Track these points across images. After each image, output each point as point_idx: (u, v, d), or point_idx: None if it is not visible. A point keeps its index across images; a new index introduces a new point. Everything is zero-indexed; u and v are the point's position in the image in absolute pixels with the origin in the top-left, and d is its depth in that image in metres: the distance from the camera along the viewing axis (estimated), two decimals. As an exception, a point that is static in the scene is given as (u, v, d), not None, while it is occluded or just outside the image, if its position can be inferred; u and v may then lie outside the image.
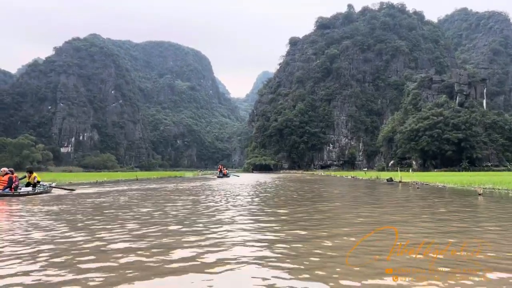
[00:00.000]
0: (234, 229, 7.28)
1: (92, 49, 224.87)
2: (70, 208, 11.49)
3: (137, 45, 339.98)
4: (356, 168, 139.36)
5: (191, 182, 34.14)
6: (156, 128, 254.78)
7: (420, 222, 8.48)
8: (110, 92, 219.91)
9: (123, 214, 9.90)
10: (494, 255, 5.12)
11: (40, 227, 7.61)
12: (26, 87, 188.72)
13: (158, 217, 9.10)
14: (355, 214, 10.14)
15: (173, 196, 16.89)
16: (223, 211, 10.64)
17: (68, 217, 9.29)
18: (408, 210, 11.10)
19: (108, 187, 23.70)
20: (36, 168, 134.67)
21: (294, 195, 17.69)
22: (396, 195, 18.15)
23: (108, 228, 7.43)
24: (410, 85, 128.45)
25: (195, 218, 8.90)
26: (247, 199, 14.71)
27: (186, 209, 11.13)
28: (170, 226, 7.66)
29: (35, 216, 9.49)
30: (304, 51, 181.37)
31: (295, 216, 9.70)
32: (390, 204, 13.24)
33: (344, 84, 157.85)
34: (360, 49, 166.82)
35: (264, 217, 9.27)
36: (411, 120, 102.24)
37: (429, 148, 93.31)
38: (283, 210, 11.14)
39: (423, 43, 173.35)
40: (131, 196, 16.50)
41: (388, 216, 9.70)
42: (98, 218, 8.94)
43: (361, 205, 12.67)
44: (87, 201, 14.04)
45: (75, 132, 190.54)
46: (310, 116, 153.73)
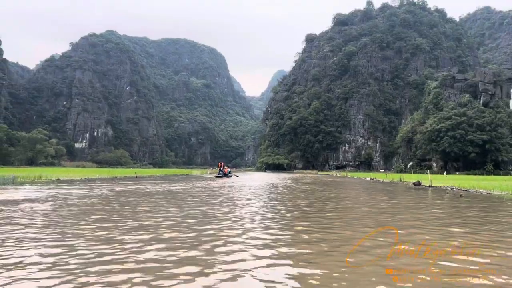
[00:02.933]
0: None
1: (108, 45, 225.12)
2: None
3: (153, 42, 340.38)
4: (373, 169, 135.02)
5: (189, 182, 31.01)
6: (170, 125, 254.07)
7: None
8: (125, 88, 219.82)
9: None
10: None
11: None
12: (42, 82, 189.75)
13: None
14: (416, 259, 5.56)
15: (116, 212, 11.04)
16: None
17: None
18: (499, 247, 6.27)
19: (77, 187, 20.76)
20: (49, 163, 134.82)
21: (310, 211, 11.69)
22: (445, 207, 13.43)
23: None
24: (431, 83, 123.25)
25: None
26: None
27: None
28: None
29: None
30: (320, 48, 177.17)
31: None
32: (461, 234, 7.69)
33: (361, 82, 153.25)
34: (379, 47, 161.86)
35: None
36: (432, 120, 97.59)
37: (451, 150, 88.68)
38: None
39: (445, 41, 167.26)
40: (74, 206, 11.62)
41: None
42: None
43: (414, 231, 7.78)
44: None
45: (89, 127, 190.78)
46: (326, 114, 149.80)
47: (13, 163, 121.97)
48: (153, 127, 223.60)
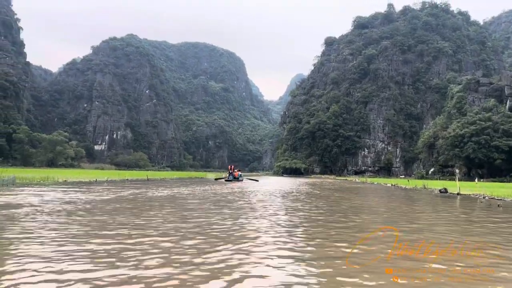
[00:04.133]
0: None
1: (128, 48, 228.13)
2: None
3: (173, 46, 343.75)
4: (393, 175, 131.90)
5: (199, 186, 29.76)
6: (188, 129, 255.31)
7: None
8: (145, 92, 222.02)
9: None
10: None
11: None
12: (64, 85, 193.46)
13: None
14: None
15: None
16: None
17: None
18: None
19: (76, 190, 19.60)
20: (69, 165, 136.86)
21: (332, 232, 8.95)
22: (490, 221, 11.30)
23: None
24: (454, 87, 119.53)
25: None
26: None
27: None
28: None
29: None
30: (340, 52, 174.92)
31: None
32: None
33: (382, 86, 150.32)
34: (400, 50, 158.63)
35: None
36: (455, 125, 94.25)
37: (475, 156, 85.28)
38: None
39: (468, 44, 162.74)
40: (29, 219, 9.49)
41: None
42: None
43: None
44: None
45: (109, 130, 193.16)
46: (345, 119, 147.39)
47: (34, 164, 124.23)
48: (171, 130, 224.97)
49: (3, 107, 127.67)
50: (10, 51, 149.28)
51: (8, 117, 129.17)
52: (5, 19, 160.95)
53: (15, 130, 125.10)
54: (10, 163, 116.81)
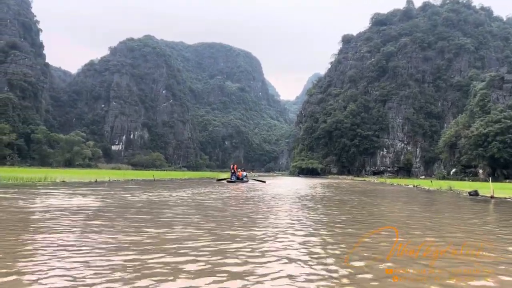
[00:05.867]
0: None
1: (145, 49, 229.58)
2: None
3: (189, 46, 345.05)
4: (412, 175, 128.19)
5: (202, 188, 26.41)
6: (205, 129, 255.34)
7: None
8: (161, 92, 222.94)
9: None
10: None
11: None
12: (82, 86, 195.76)
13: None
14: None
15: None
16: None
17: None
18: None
19: (63, 192, 16.54)
20: (86, 165, 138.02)
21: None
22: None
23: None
24: (477, 85, 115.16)
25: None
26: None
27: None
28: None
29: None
30: (357, 49, 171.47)
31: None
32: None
33: (401, 84, 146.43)
34: (420, 47, 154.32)
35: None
36: (479, 124, 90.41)
37: (500, 156, 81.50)
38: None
39: (491, 40, 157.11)
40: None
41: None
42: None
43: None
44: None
45: (126, 130, 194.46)
46: (363, 118, 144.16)
47: (52, 164, 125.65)
48: (188, 130, 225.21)
49: (22, 107, 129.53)
50: (29, 53, 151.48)
51: (27, 118, 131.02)
52: (24, 21, 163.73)
53: (33, 131, 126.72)
54: (28, 163, 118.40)
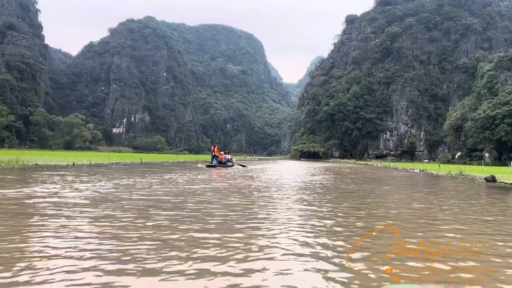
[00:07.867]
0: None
1: (146, 30, 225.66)
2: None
3: (191, 28, 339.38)
4: (416, 159, 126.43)
5: (180, 172, 23.26)
6: (206, 112, 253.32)
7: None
8: (162, 74, 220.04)
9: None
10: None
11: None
12: (82, 68, 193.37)
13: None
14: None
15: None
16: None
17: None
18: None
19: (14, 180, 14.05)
20: (86, 147, 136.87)
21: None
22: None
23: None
24: (485, 66, 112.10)
25: None
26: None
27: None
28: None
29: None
30: (361, 30, 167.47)
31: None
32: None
33: (405, 65, 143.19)
34: (426, 28, 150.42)
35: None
36: (486, 106, 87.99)
37: (508, 139, 79.40)
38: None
39: (499, 21, 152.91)
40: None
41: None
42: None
43: None
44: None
45: (127, 113, 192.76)
46: (366, 100, 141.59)
47: (51, 147, 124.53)
48: (189, 113, 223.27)
49: (20, 89, 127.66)
50: (27, 33, 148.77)
51: (25, 100, 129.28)
52: (22, 1, 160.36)
53: (32, 113, 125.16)
54: (28, 145, 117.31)
